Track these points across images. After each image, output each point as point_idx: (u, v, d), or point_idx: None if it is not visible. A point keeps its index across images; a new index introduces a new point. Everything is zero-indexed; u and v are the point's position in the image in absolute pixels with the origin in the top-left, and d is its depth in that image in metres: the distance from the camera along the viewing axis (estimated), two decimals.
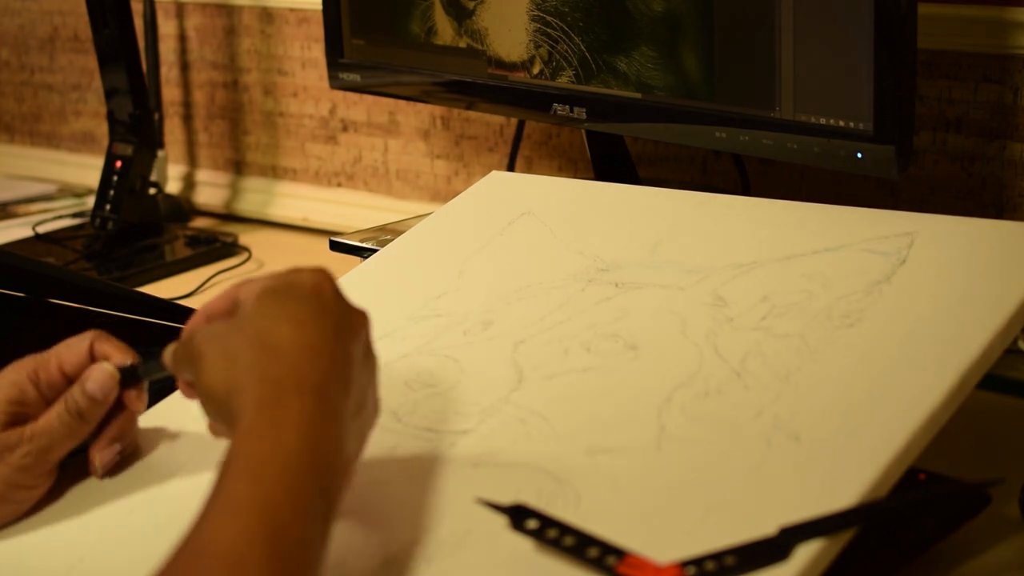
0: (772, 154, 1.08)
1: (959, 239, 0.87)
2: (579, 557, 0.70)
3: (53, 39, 1.93)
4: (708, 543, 0.70)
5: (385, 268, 1.05)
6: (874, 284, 0.85)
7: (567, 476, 0.77)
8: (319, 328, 0.73)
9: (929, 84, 1.20)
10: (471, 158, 1.55)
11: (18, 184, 1.91)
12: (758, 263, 0.90)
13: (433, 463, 0.81)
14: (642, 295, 0.91)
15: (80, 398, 0.83)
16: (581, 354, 0.87)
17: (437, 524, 0.76)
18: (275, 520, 0.66)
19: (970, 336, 0.78)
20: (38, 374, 0.84)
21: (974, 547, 0.85)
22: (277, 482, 0.67)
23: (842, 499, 0.70)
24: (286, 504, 0.66)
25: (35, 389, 0.84)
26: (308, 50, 1.66)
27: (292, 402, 0.70)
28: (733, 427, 0.78)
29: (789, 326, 0.84)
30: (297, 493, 0.67)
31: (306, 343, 0.72)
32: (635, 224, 0.99)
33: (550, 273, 0.97)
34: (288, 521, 0.66)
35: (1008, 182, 1.19)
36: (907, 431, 0.73)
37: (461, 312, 0.95)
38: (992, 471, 0.93)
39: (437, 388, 0.88)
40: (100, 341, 0.86)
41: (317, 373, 0.71)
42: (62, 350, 0.85)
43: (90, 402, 0.83)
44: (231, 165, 1.77)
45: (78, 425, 0.83)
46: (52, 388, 0.84)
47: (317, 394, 0.71)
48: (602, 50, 1.17)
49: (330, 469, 0.70)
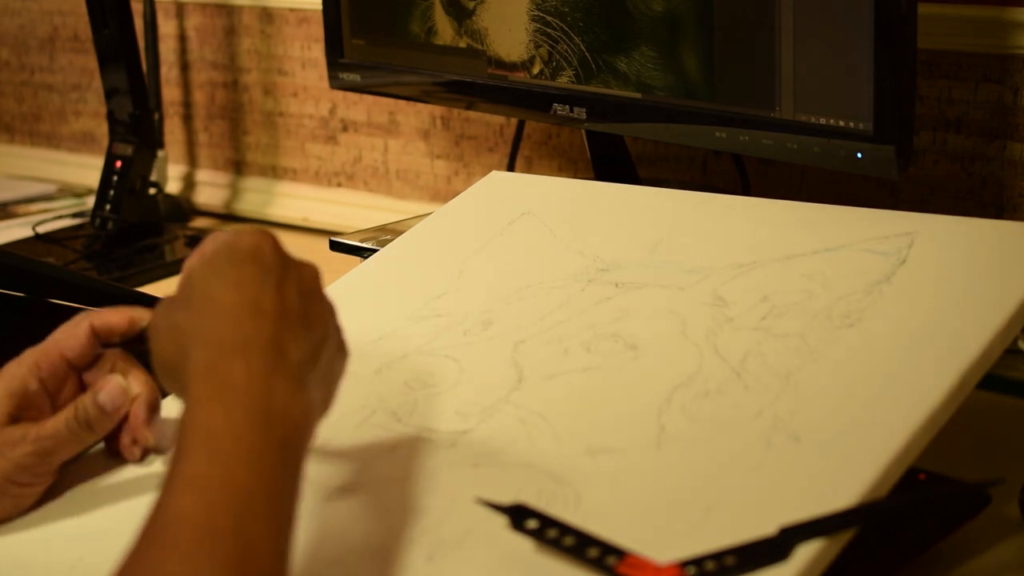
0: (772, 154, 1.08)
1: (959, 239, 0.87)
2: (579, 557, 0.70)
3: (53, 39, 1.93)
4: (708, 543, 0.70)
5: (385, 268, 1.05)
6: (874, 284, 0.85)
7: (567, 476, 0.78)
8: (260, 285, 0.73)
9: (929, 84, 1.20)
10: (471, 158, 1.55)
11: (18, 184, 1.91)
12: (758, 263, 0.90)
13: (433, 463, 0.82)
14: (642, 295, 0.91)
15: (91, 408, 0.83)
16: (581, 354, 0.88)
17: (437, 524, 0.76)
18: (237, 487, 0.65)
19: (970, 336, 0.78)
20: (39, 365, 0.84)
21: (974, 547, 0.85)
22: (232, 449, 0.67)
23: (842, 499, 0.70)
24: (245, 470, 0.66)
25: (37, 381, 0.84)
26: (308, 50, 1.66)
27: (237, 363, 0.69)
28: (733, 427, 0.78)
29: (789, 326, 0.84)
30: (254, 456, 0.67)
31: (247, 301, 0.72)
32: (635, 224, 0.99)
33: (550, 273, 0.97)
34: (251, 486, 0.65)
35: (1008, 182, 1.19)
36: (907, 431, 0.73)
37: (461, 312, 0.95)
38: (992, 471, 0.93)
39: (437, 388, 0.88)
40: (97, 318, 0.86)
41: (260, 330, 0.71)
42: (60, 336, 0.85)
43: (100, 413, 0.83)
44: (231, 165, 1.77)
45: (85, 433, 0.84)
46: (55, 377, 0.84)
47: (262, 351, 0.70)
48: (602, 50, 1.17)
49: (286, 424, 0.69)
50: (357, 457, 0.84)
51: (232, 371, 0.69)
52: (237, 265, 0.74)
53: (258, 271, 0.73)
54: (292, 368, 0.71)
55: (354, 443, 0.85)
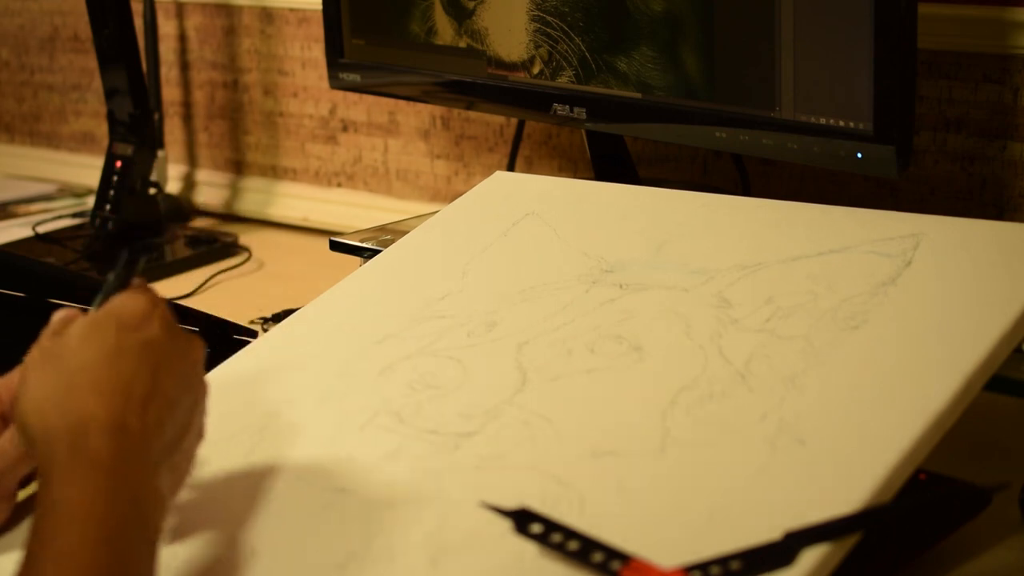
0: (772, 154, 1.08)
1: (964, 241, 0.86)
2: (583, 562, 0.70)
3: (53, 39, 1.93)
4: (713, 547, 0.69)
5: (389, 268, 1.05)
6: (879, 286, 0.85)
7: (571, 479, 0.77)
8: (137, 366, 0.72)
9: (929, 84, 1.20)
10: (471, 158, 1.55)
11: (18, 184, 1.91)
12: (763, 265, 0.90)
13: (436, 466, 0.81)
14: (646, 296, 0.91)
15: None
16: (585, 356, 0.87)
17: (440, 527, 0.76)
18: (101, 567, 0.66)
19: (976, 339, 0.78)
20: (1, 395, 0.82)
21: (974, 547, 0.85)
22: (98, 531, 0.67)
23: (847, 503, 0.70)
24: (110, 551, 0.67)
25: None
26: (308, 50, 1.66)
27: (105, 443, 0.69)
28: (737, 430, 0.78)
29: (794, 328, 0.84)
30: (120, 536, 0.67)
31: (121, 381, 0.71)
32: (639, 225, 0.99)
33: (554, 274, 0.96)
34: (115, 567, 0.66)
35: (1008, 182, 1.19)
36: (912, 436, 0.73)
37: (465, 313, 0.95)
38: (992, 471, 0.93)
39: (440, 390, 0.88)
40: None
41: (130, 413, 0.71)
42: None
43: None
44: (231, 165, 1.77)
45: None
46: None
47: (129, 434, 0.70)
48: (602, 50, 1.17)
49: (148, 506, 0.70)
50: (361, 459, 0.83)
51: (100, 451, 0.69)
52: (118, 337, 0.73)
53: (139, 349, 0.73)
54: (154, 454, 0.71)
55: (358, 445, 0.85)
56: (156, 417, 0.72)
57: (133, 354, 0.72)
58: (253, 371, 0.96)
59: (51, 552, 0.66)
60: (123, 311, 0.74)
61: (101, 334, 0.73)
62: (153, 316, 0.74)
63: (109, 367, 0.72)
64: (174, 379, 0.74)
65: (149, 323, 0.74)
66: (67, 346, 0.73)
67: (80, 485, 0.68)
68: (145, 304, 0.75)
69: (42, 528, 0.67)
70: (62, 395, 0.71)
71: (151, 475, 0.71)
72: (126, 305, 0.74)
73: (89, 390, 0.71)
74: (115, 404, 0.71)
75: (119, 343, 0.72)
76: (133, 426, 0.70)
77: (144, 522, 0.69)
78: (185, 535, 0.80)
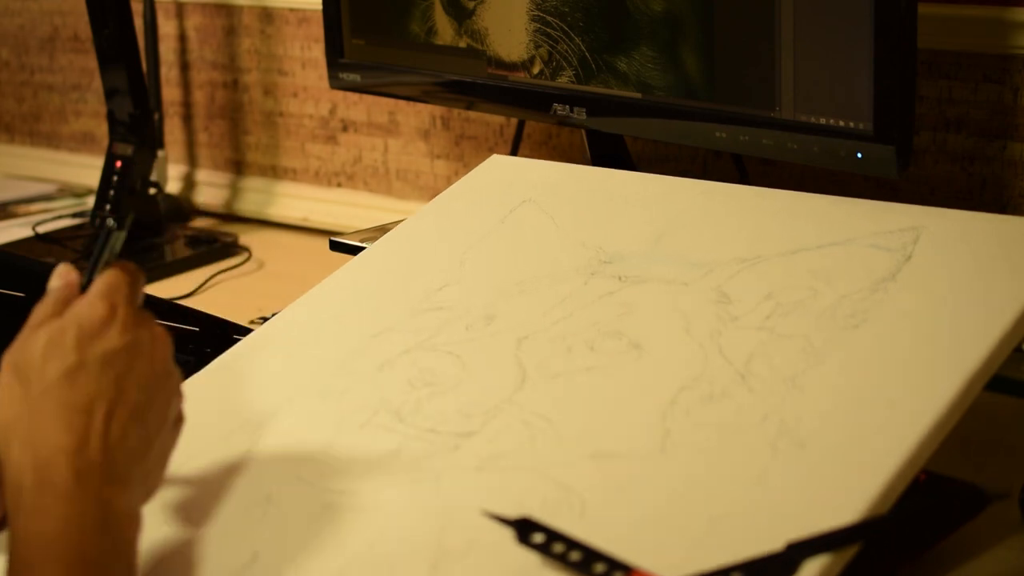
0: (772, 154, 1.08)
1: (964, 234, 0.86)
2: (585, 572, 0.70)
3: (53, 39, 1.93)
4: (715, 554, 0.69)
5: (386, 257, 1.04)
6: (880, 282, 0.84)
7: (572, 482, 0.77)
8: (98, 378, 0.72)
9: (929, 84, 1.20)
10: (471, 158, 1.55)
11: (18, 184, 1.91)
12: (762, 258, 0.90)
13: (437, 467, 0.81)
14: (646, 290, 0.91)
15: None
16: (585, 353, 0.87)
17: (440, 532, 0.76)
18: None
19: (977, 338, 0.77)
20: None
21: (974, 547, 0.85)
22: (76, 558, 0.67)
23: (848, 509, 0.70)
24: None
25: None
26: (308, 50, 1.66)
27: (66, 470, 0.69)
28: (738, 433, 0.77)
29: (794, 326, 0.83)
30: (95, 563, 0.68)
31: (82, 400, 0.71)
32: (638, 213, 0.98)
33: (552, 266, 0.95)
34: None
35: (1008, 182, 1.19)
36: (914, 439, 0.73)
37: (463, 306, 0.94)
38: (992, 471, 0.93)
39: (440, 387, 0.88)
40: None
41: (92, 432, 0.70)
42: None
43: None
44: (231, 165, 1.77)
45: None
46: None
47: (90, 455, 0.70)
48: (602, 50, 1.17)
49: (119, 524, 0.70)
50: (361, 460, 0.83)
51: (65, 480, 0.69)
52: (79, 350, 0.72)
53: (99, 361, 0.72)
54: (121, 469, 0.71)
55: (358, 445, 0.84)
56: (120, 432, 0.71)
57: (95, 368, 0.72)
58: (249, 367, 0.95)
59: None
60: (82, 320, 0.73)
61: (62, 350, 0.72)
62: (113, 320, 0.73)
63: (71, 387, 0.71)
64: (139, 384, 0.73)
65: (109, 329, 0.73)
66: (32, 360, 0.72)
67: (50, 516, 0.68)
68: (104, 310, 0.74)
69: (19, 562, 0.67)
70: (26, 423, 0.70)
71: (119, 492, 0.70)
72: (84, 313, 0.73)
73: (52, 416, 0.70)
74: (77, 427, 0.70)
75: (80, 358, 0.72)
76: (94, 448, 0.70)
77: (115, 543, 0.69)
78: (183, 538, 0.80)
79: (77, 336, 0.72)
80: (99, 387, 0.71)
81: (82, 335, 0.72)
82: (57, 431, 0.70)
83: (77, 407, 0.71)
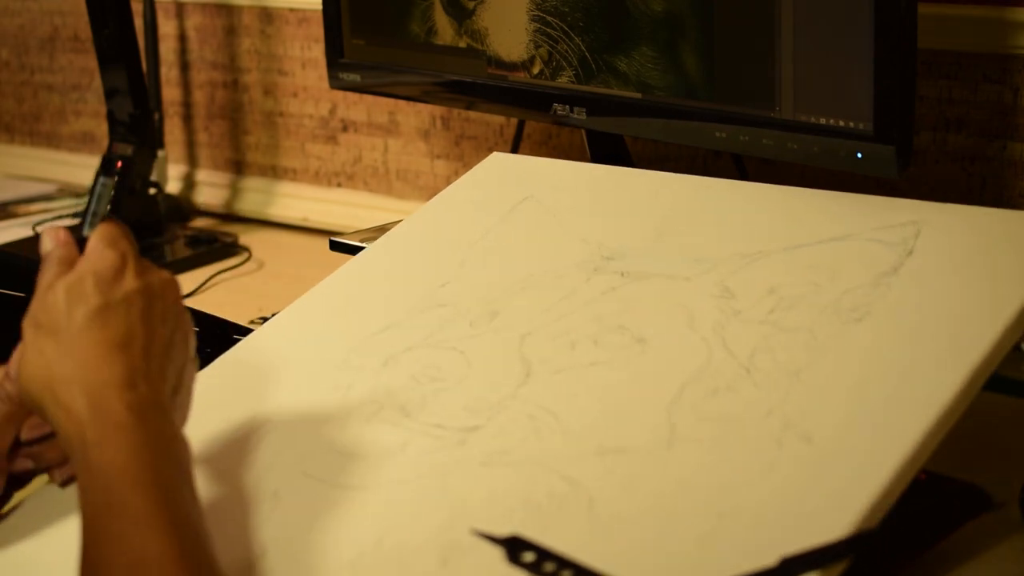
0: (772, 154, 1.08)
1: (965, 229, 0.86)
2: None
3: (53, 39, 1.93)
4: (722, 552, 0.69)
5: (388, 255, 1.04)
6: (881, 276, 0.84)
7: (578, 477, 0.77)
8: (126, 317, 0.74)
9: (929, 84, 1.20)
10: (471, 158, 1.55)
11: (18, 184, 1.91)
12: (764, 253, 0.90)
13: (443, 461, 0.81)
14: (648, 285, 0.91)
15: (8, 384, 0.81)
16: (589, 347, 0.87)
17: (449, 527, 0.76)
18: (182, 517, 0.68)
19: (979, 331, 0.77)
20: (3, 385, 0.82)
21: (974, 547, 0.85)
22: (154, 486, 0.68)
23: (853, 505, 0.70)
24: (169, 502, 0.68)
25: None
26: (308, 50, 1.66)
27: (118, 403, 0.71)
28: (743, 427, 0.77)
29: (797, 320, 0.83)
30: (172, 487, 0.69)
31: (116, 338, 0.73)
32: (640, 209, 0.98)
33: (554, 262, 0.96)
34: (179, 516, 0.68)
35: (1008, 182, 1.19)
36: (918, 433, 0.73)
37: (466, 302, 0.94)
38: (992, 471, 0.93)
39: (445, 383, 0.88)
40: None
41: (132, 367, 0.72)
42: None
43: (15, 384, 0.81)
44: (231, 165, 1.77)
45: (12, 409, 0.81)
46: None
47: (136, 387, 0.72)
48: (602, 50, 1.17)
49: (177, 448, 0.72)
50: (367, 455, 0.83)
51: (117, 411, 0.71)
52: (101, 294, 0.74)
53: (123, 302, 0.74)
54: (164, 399, 0.73)
55: (364, 440, 0.85)
56: (158, 365, 0.74)
57: (121, 308, 0.74)
58: (254, 364, 0.95)
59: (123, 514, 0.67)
60: (96, 267, 0.75)
61: (84, 296, 0.74)
62: (126, 266, 0.76)
63: (103, 326, 0.73)
64: (162, 321, 0.75)
65: (124, 274, 0.75)
66: (56, 311, 0.74)
67: (116, 446, 0.69)
68: (115, 257, 0.76)
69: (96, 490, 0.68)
70: (68, 367, 0.72)
71: (169, 422, 0.73)
72: (97, 262, 0.75)
73: (93, 354, 0.72)
74: (120, 362, 0.72)
75: (104, 300, 0.74)
76: (141, 381, 0.72)
77: (179, 466, 0.71)
78: None
79: (96, 282, 0.74)
80: (129, 325, 0.74)
81: (100, 281, 0.75)
82: (100, 368, 0.72)
83: (114, 343, 0.73)
